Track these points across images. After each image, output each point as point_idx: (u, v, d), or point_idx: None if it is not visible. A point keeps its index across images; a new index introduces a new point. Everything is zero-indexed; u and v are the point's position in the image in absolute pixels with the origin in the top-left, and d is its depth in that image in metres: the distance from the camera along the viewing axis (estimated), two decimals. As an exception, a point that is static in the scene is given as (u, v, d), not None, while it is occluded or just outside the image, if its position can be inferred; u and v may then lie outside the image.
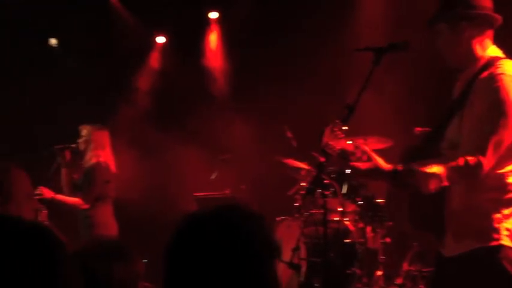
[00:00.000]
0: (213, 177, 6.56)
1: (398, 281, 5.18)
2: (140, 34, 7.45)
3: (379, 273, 5.17)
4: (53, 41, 7.40)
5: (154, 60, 7.81)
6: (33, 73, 6.82)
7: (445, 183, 2.43)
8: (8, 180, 2.67)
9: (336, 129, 2.51)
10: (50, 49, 7.38)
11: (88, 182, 5.15)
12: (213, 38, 7.79)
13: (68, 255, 1.04)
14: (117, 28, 7.28)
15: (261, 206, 5.46)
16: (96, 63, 7.12)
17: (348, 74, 5.72)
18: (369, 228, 5.25)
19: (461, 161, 2.42)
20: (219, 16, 7.71)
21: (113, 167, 5.30)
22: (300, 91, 6.45)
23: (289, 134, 5.79)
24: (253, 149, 6.78)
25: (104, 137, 5.35)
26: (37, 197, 4.65)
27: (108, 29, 7.17)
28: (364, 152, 2.53)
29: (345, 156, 2.52)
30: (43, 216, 4.21)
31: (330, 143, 2.50)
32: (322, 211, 4.68)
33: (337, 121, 2.56)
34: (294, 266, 5.07)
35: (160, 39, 7.81)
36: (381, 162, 2.54)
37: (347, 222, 5.22)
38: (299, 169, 5.64)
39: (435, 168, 2.43)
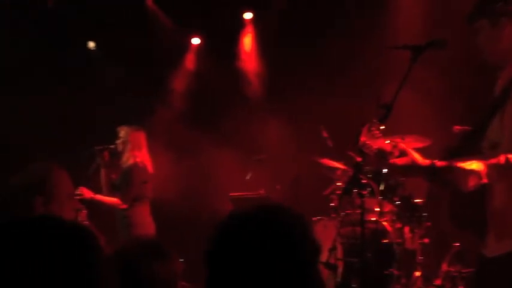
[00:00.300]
0: (247, 177, 6.58)
1: (437, 282, 5.09)
2: (175, 36, 7.51)
3: (418, 274, 5.10)
4: (91, 44, 7.52)
5: (190, 62, 7.86)
6: (71, 76, 6.94)
7: (485, 180, 2.39)
8: (50, 180, 2.71)
9: (373, 128, 2.50)
10: (88, 52, 7.50)
11: (126, 182, 5.23)
12: (248, 39, 7.81)
13: (105, 255, 1.06)
14: (153, 30, 7.36)
15: (296, 206, 5.44)
16: (133, 65, 7.21)
17: (383, 73, 5.68)
18: (406, 229, 5.19)
19: (502, 159, 2.38)
20: (253, 17, 7.72)
21: (150, 167, 5.37)
22: (335, 91, 6.41)
23: (325, 134, 5.79)
24: (289, 149, 6.78)
25: (140, 138, 5.42)
26: (77, 197, 4.73)
27: (144, 31, 7.24)
28: (401, 151, 2.51)
29: (382, 156, 2.50)
30: (83, 216, 4.28)
31: (367, 142, 2.48)
32: (359, 211, 4.64)
33: (374, 120, 2.54)
34: (330, 267, 5.04)
35: (195, 41, 7.86)
36: (418, 157, 2.51)
37: (384, 222, 5.17)
38: (335, 169, 5.62)
39: (475, 165, 2.39)
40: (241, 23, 7.76)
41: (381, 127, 2.54)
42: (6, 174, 2.83)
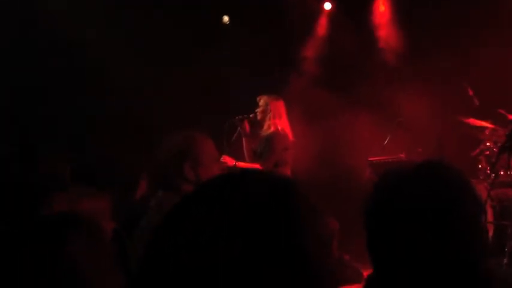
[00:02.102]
0: (385, 142, 6.42)
1: None
2: (308, 1, 7.44)
3: None
4: (226, 19, 7.65)
5: (322, 28, 7.76)
6: (207, 48, 7.11)
7: None
8: (195, 146, 2.83)
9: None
10: (224, 24, 7.64)
11: (267, 149, 5.34)
12: (381, 1, 7.55)
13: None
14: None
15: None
16: (267, 33, 7.24)
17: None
18: None
19: None
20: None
21: (290, 135, 5.44)
22: (479, 49, 6.04)
23: (470, 92, 5.49)
24: (430, 110, 6.52)
25: (280, 106, 5.50)
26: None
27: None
28: None
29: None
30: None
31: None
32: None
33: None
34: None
35: (327, 6, 7.75)
36: None
37: (540, 183, 4.83)
38: (483, 128, 5.33)
39: None
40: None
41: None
42: (154, 143, 2.99)
